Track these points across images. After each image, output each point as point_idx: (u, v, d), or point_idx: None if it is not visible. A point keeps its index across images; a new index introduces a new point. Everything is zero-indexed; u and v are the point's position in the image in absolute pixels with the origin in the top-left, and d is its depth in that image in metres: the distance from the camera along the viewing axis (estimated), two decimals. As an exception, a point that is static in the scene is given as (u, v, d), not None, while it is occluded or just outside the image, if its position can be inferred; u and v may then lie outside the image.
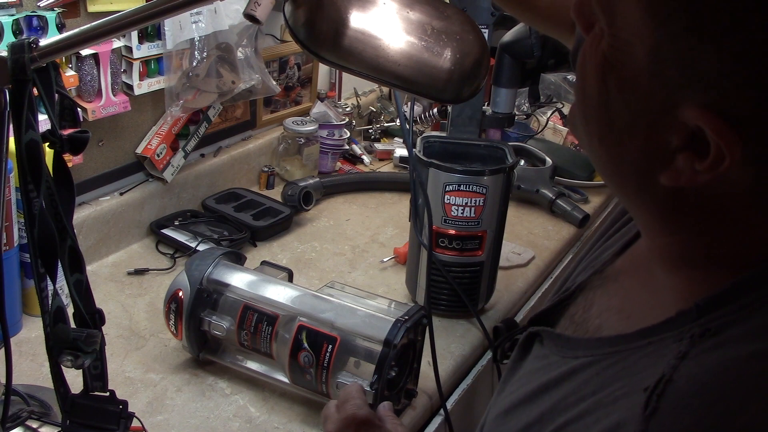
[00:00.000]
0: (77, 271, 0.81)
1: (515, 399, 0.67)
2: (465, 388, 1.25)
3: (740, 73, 0.46)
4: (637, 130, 0.52)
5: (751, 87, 0.46)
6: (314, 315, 1.09)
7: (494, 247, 1.33)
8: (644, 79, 0.50)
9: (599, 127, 0.56)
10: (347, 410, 0.84)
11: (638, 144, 0.53)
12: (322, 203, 1.78)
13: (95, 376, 0.83)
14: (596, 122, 0.56)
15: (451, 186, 1.25)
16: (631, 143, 0.53)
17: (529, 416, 0.63)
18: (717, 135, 0.47)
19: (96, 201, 1.46)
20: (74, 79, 1.31)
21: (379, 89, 2.22)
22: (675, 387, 0.48)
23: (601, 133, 0.56)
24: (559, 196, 1.77)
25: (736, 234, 0.53)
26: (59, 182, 0.79)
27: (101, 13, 1.33)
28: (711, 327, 0.51)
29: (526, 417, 0.63)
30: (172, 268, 1.45)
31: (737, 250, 0.54)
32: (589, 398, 0.56)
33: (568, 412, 0.57)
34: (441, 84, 0.76)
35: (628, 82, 0.52)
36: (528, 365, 0.72)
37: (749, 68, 0.46)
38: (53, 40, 0.74)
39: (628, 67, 0.51)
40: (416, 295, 1.38)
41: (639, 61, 0.50)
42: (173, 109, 1.51)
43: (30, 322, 1.25)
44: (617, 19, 0.51)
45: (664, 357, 0.51)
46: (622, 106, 0.53)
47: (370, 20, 0.71)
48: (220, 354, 1.18)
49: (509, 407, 0.68)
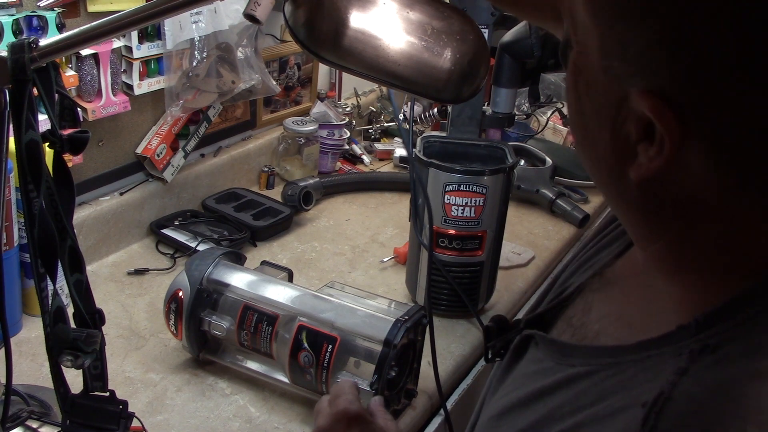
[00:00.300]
0: (77, 271, 0.81)
1: (508, 402, 0.67)
2: (465, 388, 1.25)
3: (665, 50, 0.47)
4: (604, 129, 0.53)
5: (677, 63, 0.47)
6: (314, 315, 1.09)
7: (494, 247, 1.33)
8: (600, 77, 0.51)
9: (579, 133, 0.57)
10: (339, 405, 0.84)
11: (607, 142, 0.53)
12: (322, 203, 1.78)
13: (95, 376, 0.83)
14: (576, 128, 0.58)
15: (451, 186, 1.25)
16: (602, 143, 0.54)
17: (522, 422, 0.62)
18: (656, 116, 0.48)
19: (96, 201, 1.46)
20: (74, 79, 1.31)
21: (379, 89, 2.22)
22: (674, 405, 0.48)
23: (581, 137, 0.57)
24: (559, 196, 1.77)
25: (723, 240, 0.52)
26: (59, 182, 0.79)
27: (101, 13, 1.33)
28: (710, 343, 0.50)
29: (520, 422, 0.63)
30: (172, 268, 1.45)
31: (730, 257, 0.53)
32: (585, 410, 0.55)
33: (564, 421, 0.57)
34: (441, 84, 0.76)
35: (591, 84, 0.53)
36: (522, 368, 0.72)
37: (671, 44, 0.46)
38: (53, 40, 0.74)
39: (589, 68, 0.52)
40: (416, 295, 1.38)
41: (594, 60, 0.52)
42: (173, 109, 1.51)
43: (30, 322, 1.25)
44: (577, 25, 0.53)
45: (663, 372, 0.50)
46: (590, 108, 0.54)
47: (370, 20, 0.71)
48: (220, 354, 1.18)
49: (502, 411, 0.67)
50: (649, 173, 0.50)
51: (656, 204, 0.54)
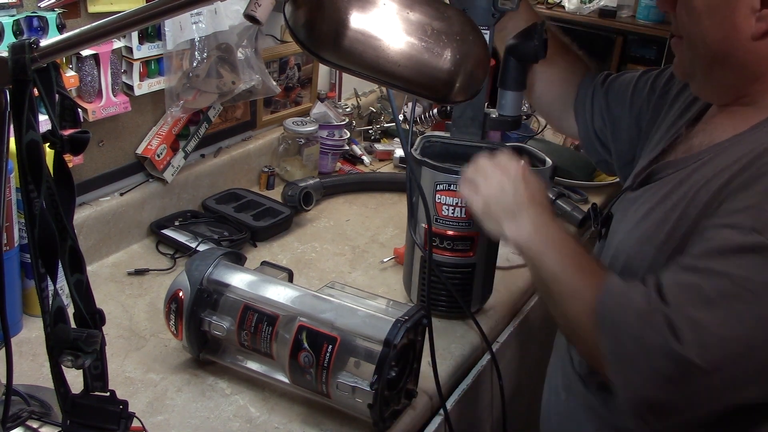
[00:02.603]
0: (77, 272, 0.81)
1: (641, 213, 0.97)
2: (465, 388, 1.25)
3: None
4: (731, 17, 0.87)
5: None
6: (314, 315, 1.09)
7: (488, 249, 1.32)
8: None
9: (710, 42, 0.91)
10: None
11: (736, 25, 0.87)
12: (322, 203, 1.78)
13: (95, 376, 0.83)
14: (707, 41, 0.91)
15: (441, 185, 1.25)
16: (730, 27, 0.88)
17: (664, 208, 0.92)
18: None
19: (96, 201, 1.46)
20: (74, 80, 1.31)
21: (379, 89, 2.22)
22: None
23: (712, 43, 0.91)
24: (559, 196, 1.77)
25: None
26: (60, 182, 0.79)
27: (102, 13, 1.34)
28: None
29: (662, 210, 0.93)
30: (172, 269, 1.45)
31: None
32: (726, 167, 0.86)
33: (714, 180, 0.87)
34: (441, 85, 0.76)
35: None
36: (640, 199, 1.01)
37: None
38: (54, 41, 0.75)
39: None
40: (410, 293, 1.38)
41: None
42: (173, 110, 1.51)
43: (30, 322, 1.25)
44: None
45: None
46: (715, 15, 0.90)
47: (371, 21, 0.71)
48: (220, 354, 1.18)
49: (639, 219, 0.97)
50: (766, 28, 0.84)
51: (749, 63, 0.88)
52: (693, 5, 0.89)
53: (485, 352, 1.31)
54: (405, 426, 1.11)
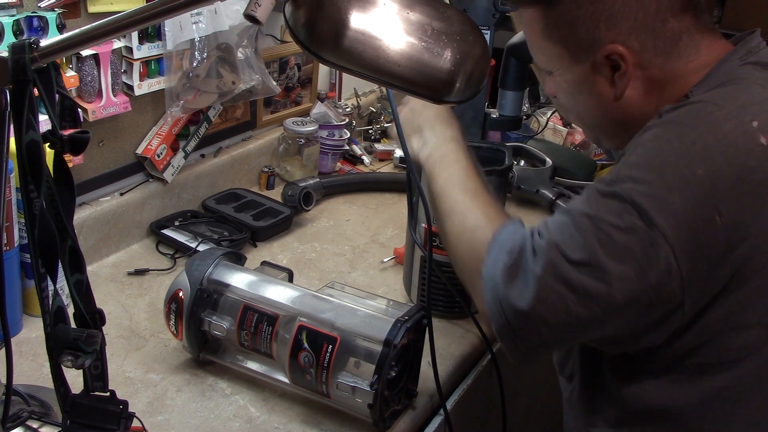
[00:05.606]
0: (77, 272, 0.81)
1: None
2: (465, 388, 1.25)
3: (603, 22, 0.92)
4: (594, 90, 0.97)
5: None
6: (314, 315, 1.09)
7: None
8: (573, 68, 0.97)
9: (580, 113, 1.04)
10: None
11: (598, 95, 0.97)
12: (322, 204, 1.78)
13: (95, 376, 0.83)
14: (578, 113, 1.04)
15: None
16: (595, 99, 0.98)
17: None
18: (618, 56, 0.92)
19: (96, 201, 1.46)
20: (74, 80, 1.31)
21: (379, 90, 2.22)
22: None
23: (581, 112, 1.03)
24: (559, 196, 1.77)
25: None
26: (60, 182, 0.79)
27: (102, 13, 1.34)
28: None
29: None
30: (172, 269, 1.45)
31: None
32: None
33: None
34: (441, 85, 0.76)
35: (568, 80, 0.99)
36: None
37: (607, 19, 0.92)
38: (54, 41, 0.75)
39: (565, 72, 0.98)
40: (410, 293, 1.38)
41: (566, 63, 0.97)
42: (173, 110, 1.51)
43: (30, 322, 1.25)
44: (548, 59, 0.99)
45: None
46: (577, 90, 1.00)
47: (371, 21, 0.71)
48: (220, 354, 1.18)
49: None
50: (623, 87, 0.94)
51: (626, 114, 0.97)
52: (563, 88, 1.00)
53: (485, 352, 1.31)
54: (405, 426, 1.11)
